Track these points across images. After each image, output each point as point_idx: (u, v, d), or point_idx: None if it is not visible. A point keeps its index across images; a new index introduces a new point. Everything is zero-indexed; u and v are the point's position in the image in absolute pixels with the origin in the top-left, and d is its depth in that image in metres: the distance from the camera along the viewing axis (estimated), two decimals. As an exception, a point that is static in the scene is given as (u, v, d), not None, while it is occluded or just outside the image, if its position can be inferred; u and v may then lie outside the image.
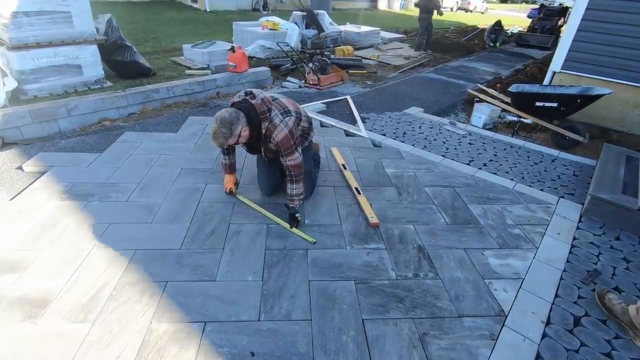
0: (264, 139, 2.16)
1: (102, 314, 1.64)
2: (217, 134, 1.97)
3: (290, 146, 2.15)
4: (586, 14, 4.23)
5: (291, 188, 2.26)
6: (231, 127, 1.97)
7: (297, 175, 2.23)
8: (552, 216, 2.60)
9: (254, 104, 2.08)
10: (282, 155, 2.17)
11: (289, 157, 2.18)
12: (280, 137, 2.10)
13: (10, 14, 3.75)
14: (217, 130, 1.97)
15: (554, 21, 11.29)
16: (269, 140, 2.14)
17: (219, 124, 1.97)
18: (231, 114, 1.99)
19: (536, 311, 1.82)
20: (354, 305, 1.77)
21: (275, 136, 2.09)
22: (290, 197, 2.28)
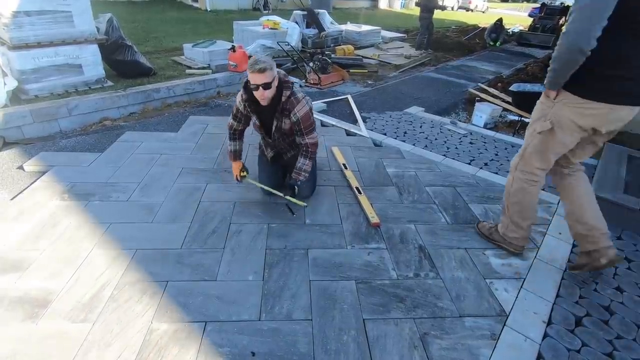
0: (281, 112, 2.17)
1: (103, 313, 1.64)
2: (259, 60, 1.96)
3: (311, 123, 2.22)
4: (588, 12, 4.21)
5: (303, 162, 2.29)
6: (272, 63, 2.00)
7: (313, 153, 2.31)
8: (554, 216, 2.60)
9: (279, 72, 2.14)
10: (302, 133, 2.22)
11: (310, 135, 2.24)
12: (302, 112, 2.15)
13: (11, 14, 3.76)
14: (259, 58, 1.98)
15: (555, 20, 11.27)
16: (286, 115, 2.17)
17: (259, 58, 1.99)
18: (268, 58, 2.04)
19: (537, 311, 1.81)
20: (355, 305, 1.77)
21: (298, 111, 2.14)
22: (298, 171, 2.30)
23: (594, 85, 1.60)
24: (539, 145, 1.86)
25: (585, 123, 1.69)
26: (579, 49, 1.49)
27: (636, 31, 1.48)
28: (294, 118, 2.16)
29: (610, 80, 1.57)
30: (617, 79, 1.56)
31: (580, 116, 1.68)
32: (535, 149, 1.88)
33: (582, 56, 1.50)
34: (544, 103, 1.82)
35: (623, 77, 1.56)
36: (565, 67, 1.59)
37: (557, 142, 1.80)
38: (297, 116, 2.15)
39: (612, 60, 1.54)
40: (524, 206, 2.02)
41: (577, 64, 1.55)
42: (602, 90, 1.60)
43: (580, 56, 1.51)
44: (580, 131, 1.73)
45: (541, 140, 1.84)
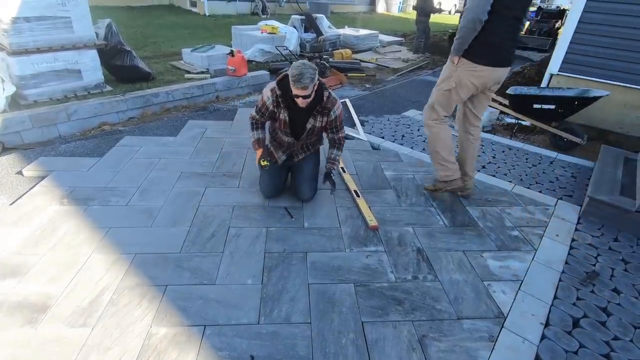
0: (321, 110, 2.31)
1: (102, 318, 1.64)
2: (304, 74, 2.01)
3: (342, 121, 2.45)
4: (583, 16, 4.26)
5: (336, 154, 2.52)
6: (315, 70, 2.07)
7: (343, 144, 2.55)
8: (551, 218, 2.61)
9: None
10: (338, 129, 2.43)
11: (342, 131, 2.48)
12: (339, 111, 2.36)
13: (11, 20, 3.77)
14: (304, 71, 2.01)
15: (552, 24, 11.36)
16: (326, 113, 2.33)
17: (304, 66, 2.04)
18: (310, 63, 2.11)
19: (535, 313, 1.82)
20: (354, 308, 1.78)
21: (336, 109, 2.33)
22: (333, 160, 2.52)
23: (481, 53, 2.25)
24: (445, 100, 2.48)
25: (478, 82, 2.34)
26: (478, 19, 2.12)
27: (502, 14, 2.13)
28: (333, 115, 2.34)
29: (489, 49, 2.23)
30: (495, 47, 2.24)
31: (475, 77, 2.32)
32: (441, 103, 2.50)
33: (480, 25, 2.13)
34: (450, 67, 2.40)
35: (496, 46, 2.23)
36: (468, 35, 2.19)
37: (457, 96, 2.43)
38: (335, 113, 2.34)
39: (491, 32, 2.17)
40: (445, 145, 2.56)
41: (475, 32, 2.16)
42: (485, 57, 2.26)
43: (478, 25, 2.14)
44: (474, 89, 2.38)
45: (447, 95, 2.44)
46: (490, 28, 2.15)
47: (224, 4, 13.04)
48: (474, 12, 2.11)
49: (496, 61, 2.28)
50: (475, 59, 2.27)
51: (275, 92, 2.26)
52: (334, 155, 2.52)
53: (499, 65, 2.29)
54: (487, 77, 2.31)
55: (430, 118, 2.56)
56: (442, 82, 2.45)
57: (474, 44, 2.22)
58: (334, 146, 2.52)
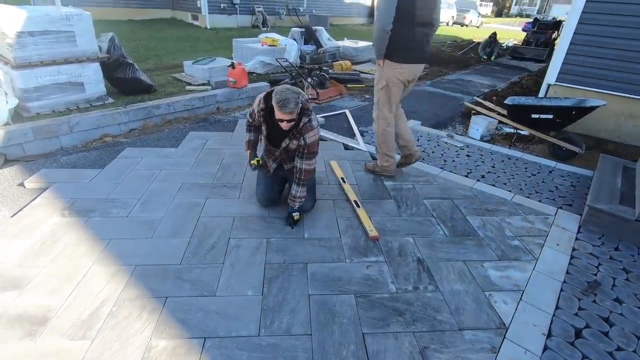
0: (294, 134, 2.26)
1: (102, 330, 1.63)
2: (290, 99, 2.03)
3: (314, 152, 2.32)
4: (578, 27, 4.33)
5: (296, 190, 2.38)
6: (299, 95, 2.09)
7: (306, 180, 2.37)
8: (551, 227, 2.61)
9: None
10: (303, 156, 2.29)
11: (308, 161, 2.31)
12: (312, 139, 2.25)
13: (15, 34, 3.84)
14: (290, 96, 2.04)
15: (548, 34, 11.52)
16: (297, 137, 2.25)
17: (289, 90, 2.06)
18: (296, 88, 2.12)
19: (537, 323, 1.81)
20: (354, 319, 1.77)
21: (309, 137, 2.23)
22: (292, 198, 2.40)
23: (399, 54, 2.69)
24: (385, 98, 2.87)
25: (402, 78, 2.79)
26: (385, 30, 2.57)
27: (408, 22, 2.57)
28: (302, 141, 2.24)
29: (406, 50, 2.68)
30: (408, 49, 2.68)
31: (399, 74, 2.77)
32: (384, 101, 2.89)
33: (387, 34, 2.58)
34: (378, 70, 2.84)
35: (409, 47, 2.68)
36: (381, 43, 2.65)
37: (394, 93, 2.84)
38: (306, 140, 2.24)
39: (402, 38, 2.62)
40: (388, 141, 3.00)
41: (386, 40, 2.61)
42: (404, 56, 2.70)
43: (386, 34, 2.58)
44: (401, 84, 2.83)
45: (384, 94, 2.85)
46: (401, 34, 2.61)
47: (225, 17, 13.26)
48: (380, 24, 2.58)
49: (412, 59, 2.76)
50: (395, 59, 2.71)
51: (260, 104, 2.30)
52: (294, 192, 2.37)
53: (415, 62, 2.80)
54: (408, 73, 2.80)
55: (378, 117, 3.00)
56: (377, 84, 2.92)
57: (392, 48, 2.67)
58: (294, 179, 2.38)
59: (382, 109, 2.92)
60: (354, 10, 18.56)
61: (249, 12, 13.75)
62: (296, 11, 14.92)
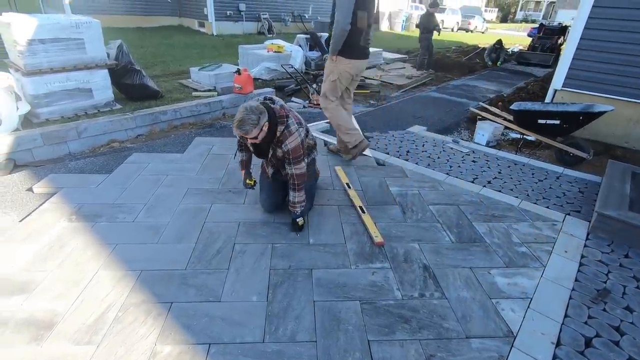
0: (275, 143, 2.26)
1: (107, 335, 1.64)
2: (245, 120, 2.02)
3: (299, 155, 2.29)
4: (585, 33, 4.32)
5: (293, 196, 2.38)
6: (260, 115, 2.06)
7: (300, 184, 2.35)
8: (559, 234, 2.58)
9: (274, 107, 2.21)
10: (290, 162, 2.28)
11: (296, 166, 2.30)
12: (293, 145, 2.23)
13: (27, 42, 3.92)
14: (245, 117, 2.02)
15: (554, 40, 11.47)
16: (279, 146, 2.25)
17: (247, 111, 2.04)
18: (258, 106, 2.09)
19: (546, 332, 1.78)
20: (360, 326, 1.76)
21: (289, 143, 2.22)
22: (292, 204, 2.40)
23: (350, 51, 3.09)
24: (333, 88, 3.29)
25: (352, 72, 3.22)
26: (345, 30, 2.94)
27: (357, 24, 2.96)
28: (285, 149, 2.24)
29: (354, 48, 3.10)
30: (356, 47, 3.11)
31: (350, 68, 3.19)
32: (331, 91, 3.31)
33: (346, 33, 2.95)
34: (330, 65, 3.21)
35: (357, 46, 3.10)
36: (339, 41, 3.01)
37: (341, 84, 3.27)
38: (287, 147, 2.23)
39: (352, 37, 3.01)
40: (343, 120, 3.36)
41: (344, 38, 2.98)
42: (353, 53, 3.12)
43: (345, 33, 2.96)
44: (350, 77, 3.26)
45: (333, 85, 3.27)
46: (352, 34, 3.00)
47: (231, 24, 13.41)
48: (340, 26, 2.95)
49: (360, 55, 3.21)
50: (346, 55, 3.11)
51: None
52: (292, 199, 2.38)
53: (361, 59, 3.25)
54: (357, 67, 3.23)
55: (325, 104, 3.39)
56: (328, 77, 3.28)
57: (346, 45, 3.06)
58: (289, 186, 2.39)
59: (329, 98, 3.35)
60: (358, 17, 18.67)
61: (254, 19, 13.89)
62: (301, 18, 15.04)
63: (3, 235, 2.25)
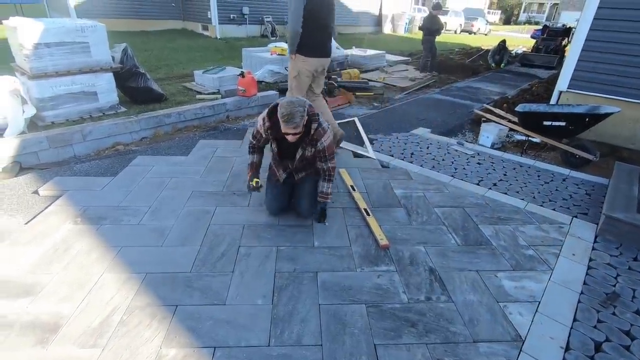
0: (308, 142, 2.30)
1: (112, 339, 1.63)
2: (294, 114, 2.04)
3: (333, 151, 2.40)
4: (590, 34, 4.29)
5: (327, 187, 2.47)
6: (304, 107, 2.10)
7: (333, 176, 2.49)
8: (566, 236, 2.55)
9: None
10: (325, 159, 2.37)
11: (332, 162, 2.41)
12: (328, 142, 2.31)
13: (32, 45, 3.94)
14: (293, 110, 2.04)
15: (558, 41, 11.43)
16: (313, 144, 2.30)
17: (292, 104, 2.06)
18: (299, 99, 2.14)
19: (554, 336, 1.76)
20: (366, 330, 1.74)
21: (324, 141, 2.29)
22: (324, 195, 2.49)
23: (307, 49, 3.30)
24: (296, 84, 3.47)
25: (311, 69, 3.41)
26: (296, 31, 3.17)
27: (313, 24, 3.20)
28: (320, 146, 2.30)
29: (313, 46, 3.32)
30: (313, 46, 3.32)
31: (308, 65, 3.38)
32: (295, 87, 3.49)
33: (298, 34, 3.18)
34: (291, 62, 3.44)
35: (315, 44, 3.33)
36: (293, 42, 3.25)
37: (302, 80, 3.45)
38: (323, 145, 2.29)
39: (308, 37, 3.23)
40: None
41: (298, 38, 3.21)
42: (311, 51, 3.33)
43: (297, 34, 3.18)
44: (310, 74, 3.45)
45: (297, 82, 3.46)
46: (307, 34, 3.22)
47: (235, 27, 13.47)
48: (291, 26, 3.18)
49: (318, 54, 3.39)
50: (303, 53, 3.31)
51: (265, 122, 2.32)
52: (324, 189, 2.47)
53: (320, 57, 3.43)
54: (315, 65, 3.43)
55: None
56: (290, 74, 3.52)
57: (301, 45, 3.27)
58: (324, 178, 2.47)
59: (296, 93, 3.54)
60: (362, 19, 18.69)
61: (258, 22, 13.94)
62: (304, 21, 15.08)
63: (9, 238, 2.26)
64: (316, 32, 3.28)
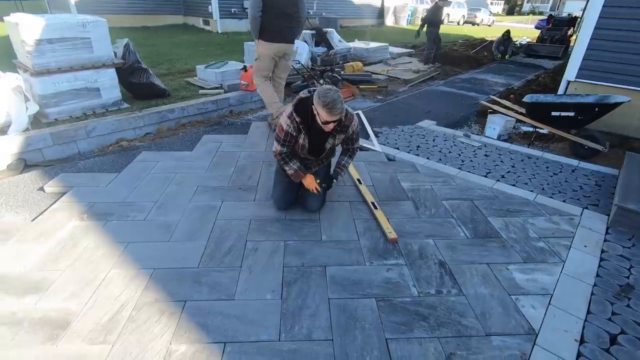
0: (339, 129, 2.33)
1: (122, 335, 1.62)
2: (337, 100, 2.03)
3: (358, 133, 2.47)
4: (600, 22, 4.20)
5: (347, 161, 2.55)
6: (338, 92, 2.11)
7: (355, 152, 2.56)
8: (577, 228, 2.52)
9: None
10: (354, 141, 2.46)
11: (357, 142, 2.51)
12: (356, 127, 2.39)
13: (34, 42, 3.91)
14: (336, 96, 2.03)
15: (564, 31, 11.26)
16: (344, 131, 2.35)
17: (331, 91, 2.05)
18: (328, 86, 2.21)
19: (568, 329, 1.73)
20: (377, 324, 1.72)
21: (353, 125, 2.35)
22: (342, 166, 2.55)
23: (268, 35, 3.60)
24: (257, 66, 3.84)
25: (271, 53, 3.70)
26: (254, 17, 3.49)
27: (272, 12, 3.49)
28: (350, 131, 2.36)
29: (272, 32, 3.59)
30: (274, 31, 3.59)
31: (268, 50, 3.68)
32: (259, 67, 3.83)
33: (257, 20, 3.49)
34: (255, 45, 3.77)
35: (274, 30, 3.58)
36: (254, 27, 3.57)
37: (264, 62, 3.78)
38: (352, 129, 2.37)
39: (268, 24, 3.53)
40: (266, 94, 3.91)
41: (258, 24, 3.52)
42: (271, 37, 3.62)
43: (256, 20, 3.50)
44: (270, 58, 3.74)
45: (257, 64, 3.82)
46: (268, 21, 3.52)
47: (236, 22, 13.36)
48: (251, 14, 3.49)
49: (278, 39, 3.65)
50: (264, 39, 3.63)
51: (295, 119, 2.23)
52: (345, 162, 2.56)
53: (281, 42, 3.69)
54: (275, 49, 3.69)
55: (254, 81, 3.97)
56: (254, 56, 3.87)
57: (262, 31, 3.57)
58: (347, 154, 2.55)
59: (257, 75, 3.89)
60: (364, 12, 18.50)
61: (259, 16, 13.83)
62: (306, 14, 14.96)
63: (16, 235, 2.25)
64: (276, 20, 3.54)
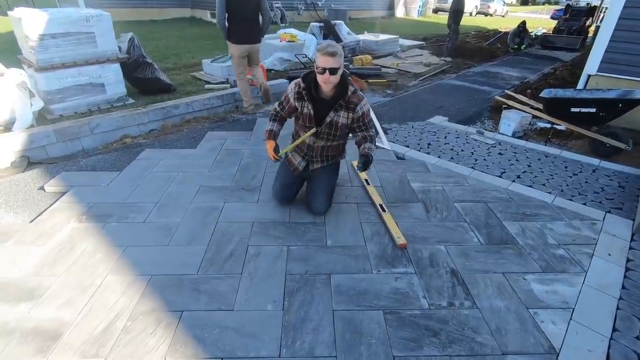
0: (345, 105, 2.27)
1: (115, 347, 1.55)
2: (332, 44, 2.12)
3: (370, 120, 2.39)
4: (623, 12, 3.97)
5: (369, 146, 2.33)
6: (341, 51, 2.13)
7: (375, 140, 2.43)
8: (600, 234, 2.36)
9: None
10: (366, 126, 2.35)
11: (371, 130, 2.39)
12: (366, 108, 2.32)
13: (38, 37, 3.86)
14: (330, 43, 2.14)
15: (582, 22, 10.85)
16: (351, 108, 2.28)
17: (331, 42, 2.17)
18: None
19: (592, 348, 1.60)
20: (384, 340, 1.61)
21: (363, 105, 2.29)
22: (367, 150, 2.30)
23: (234, 37, 4.09)
24: (234, 64, 4.36)
25: (237, 53, 4.19)
26: (220, 22, 4.01)
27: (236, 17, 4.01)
28: (360, 111, 2.28)
29: (237, 35, 4.09)
30: (238, 34, 4.09)
31: (236, 50, 4.17)
32: (236, 65, 4.33)
33: (223, 25, 4.04)
34: (229, 47, 4.22)
35: (239, 33, 4.09)
36: (222, 31, 4.11)
37: (238, 61, 4.27)
38: (362, 109, 2.28)
39: (232, 27, 4.06)
40: (244, 89, 4.43)
41: (224, 29, 4.07)
42: (237, 39, 4.11)
43: (221, 26, 4.04)
44: (240, 56, 4.23)
45: (235, 61, 4.30)
46: (234, 25, 4.04)
47: (244, 14, 13.22)
48: (217, 19, 4.01)
49: (242, 41, 4.14)
50: (232, 40, 4.12)
51: (299, 84, 2.29)
52: (367, 146, 2.32)
53: (245, 43, 4.17)
54: (242, 49, 4.19)
55: (236, 76, 4.44)
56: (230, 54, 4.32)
57: (230, 33, 4.09)
58: (367, 140, 2.34)
59: (236, 70, 4.36)
60: (374, 3, 18.14)
61: (267, 8, 13.64)
62: (314, 6, 14.68)
63: (13, 237, 2.20)
64: (239, 24, 4.03)
